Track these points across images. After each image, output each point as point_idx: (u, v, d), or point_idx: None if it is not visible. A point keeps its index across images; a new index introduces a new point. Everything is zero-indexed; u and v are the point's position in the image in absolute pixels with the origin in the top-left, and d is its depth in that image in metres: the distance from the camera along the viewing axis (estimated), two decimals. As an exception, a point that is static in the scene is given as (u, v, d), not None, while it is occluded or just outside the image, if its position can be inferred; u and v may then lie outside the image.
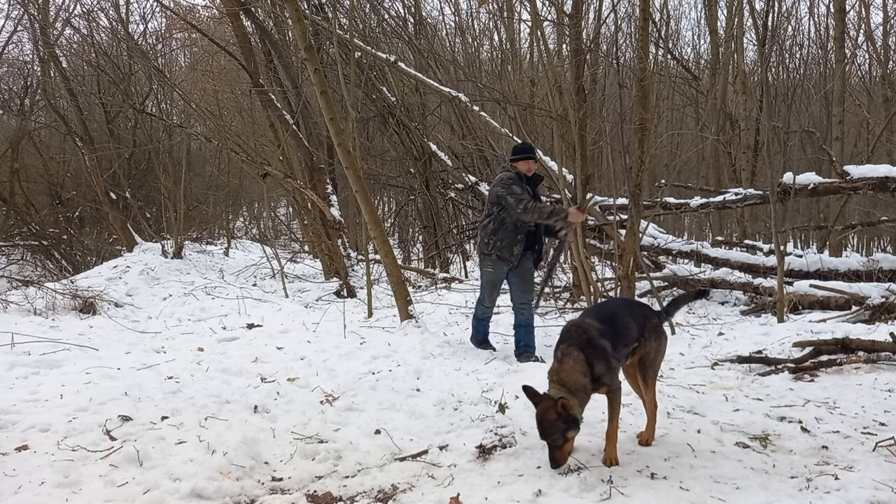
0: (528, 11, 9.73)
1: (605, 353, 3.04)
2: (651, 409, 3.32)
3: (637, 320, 3.28)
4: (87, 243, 15.01)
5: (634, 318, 3.28)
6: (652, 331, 3.32)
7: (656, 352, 3.33)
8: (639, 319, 3.29)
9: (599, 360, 3.02)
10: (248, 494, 2.96)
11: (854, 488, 2.80)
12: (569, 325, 3.24)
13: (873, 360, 4.97)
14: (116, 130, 15.38)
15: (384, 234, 7.60)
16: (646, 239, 9.14)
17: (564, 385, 2.98)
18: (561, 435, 2.91)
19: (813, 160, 14.64)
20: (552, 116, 7.97)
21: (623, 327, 3.19)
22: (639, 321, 3.28)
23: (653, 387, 3.31)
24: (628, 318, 3.26)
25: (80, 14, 14.77)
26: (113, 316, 7.36)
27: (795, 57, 19.17)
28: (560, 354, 3.08)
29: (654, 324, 3.35)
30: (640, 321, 3.29)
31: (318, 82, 6.68)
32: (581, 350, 3.02)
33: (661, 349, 3.39)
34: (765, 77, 14.52)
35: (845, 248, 14.62)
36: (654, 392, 3.32)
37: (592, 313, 3.32)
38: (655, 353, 3.33)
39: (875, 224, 11.01)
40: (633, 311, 3.36)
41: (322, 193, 10.90)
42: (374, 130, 15.51)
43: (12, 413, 3.76)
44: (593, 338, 3.05)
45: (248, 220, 25.92)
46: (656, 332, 3.35)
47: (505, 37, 17.36)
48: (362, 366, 5.19)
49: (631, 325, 3.22)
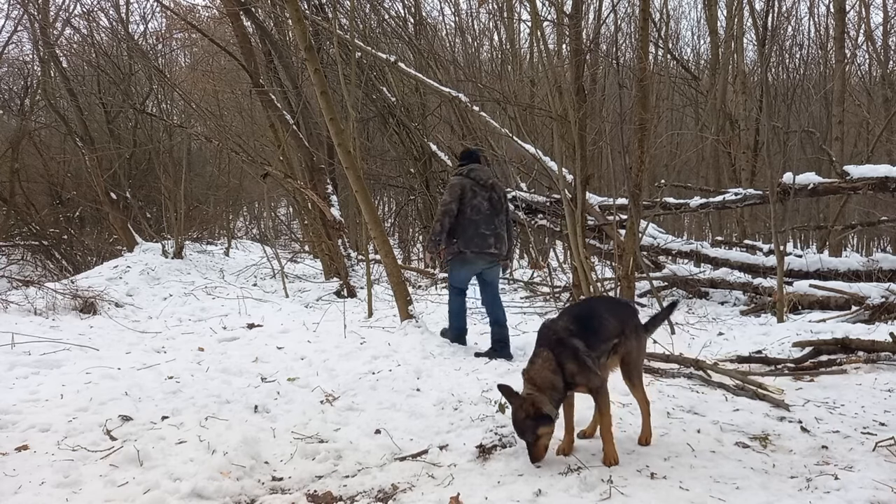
0: (528, 11, 9.74)
1: (577, 351, 3.06)
2: (644, 408, 3.33)
3: (617, 317, 3.28)
4: (88, 243, 15.00)
5: (614, 315, 3.29)
6: (633, 329, 3.32)
7: (638, 351, 3.34)
8: (619, 317, 3.30)
9: (570, 359, 3.05)
10: (249, 494, 2.96)
11: (854, 488, 2.81)
12: (542, 325, 3.28)
13: (873, 360, 4.98)
14: (117, 130, 15.37)
15: (384, 234, 7.60)
16: (645, 239, 9.15)
17: (534, 383, 3.04)
18: (532, 432, 2.97)
19: (813, 160, 14.65)
20: (552, 116, 7.97)
21: (599, 324, 3.20)
22: (619, 318, 3.29)
23: (641, 386, 3.34)
24: (606, 315, 3.27)
25: (80, 14, 14.79)
26: (113, 316, 7.36)
27: (795, 57, 19.21)
28: (533, 354, 3.17)
29: (635, 323, 3.37)
30: (620, 318, 3.29)
31: (318, 82, 6.68)
32: (550, 350, 3.08)
33: (643, 349, 3.43)
34: (765, 77, 14.53)
35: (845, 248, 14.64)
36: (643, 391, 3.35)
37: (568, 311, 3.37)
38: (638, 353, 3.34)
39: (875, 224, 11.02)
40: (612, 309, 3.39)
41: (322, 193, 10.91)
42: (375, 130, 15.51)
43: (12, 413, 3.76)
44: (563, 338, 3.10)
45: (249, 220, 25.93)
46: (637, 331, 3.35)
47: (505, 37, 17.40)
48: (362, 366, 5.20)
49: (608, 323, 3.23)
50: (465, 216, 5.56)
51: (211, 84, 13.46)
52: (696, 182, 16.21)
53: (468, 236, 5.55)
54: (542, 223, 10.35)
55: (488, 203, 5.60)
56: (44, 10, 13.74)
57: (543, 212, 10.34)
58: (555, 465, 3.11)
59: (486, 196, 5.61)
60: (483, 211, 5.59)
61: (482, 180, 5.63)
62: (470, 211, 5.56)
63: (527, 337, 6.40)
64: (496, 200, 5.66)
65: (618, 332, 3.23)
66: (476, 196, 5.59)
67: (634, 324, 3.36)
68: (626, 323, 3.29)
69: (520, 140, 10.01)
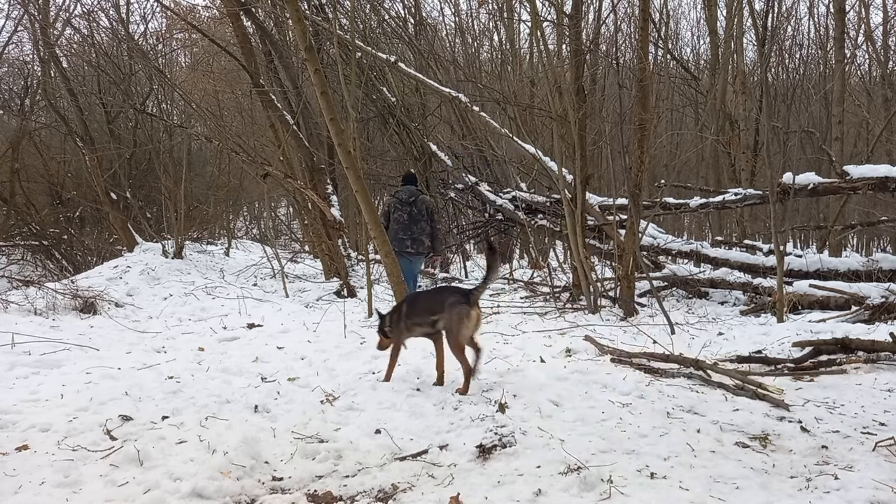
0: (528, 12, 9.75)
1: (399, 316, 4.57)
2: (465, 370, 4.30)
3: (438, 300, 4.48)
4: (88, 243, 14.99)
5: (435, 298, 4.55)
6: (449, 307, 4.34)
7: (449, 322, 4.34)
8: (439, 299, 4.46)
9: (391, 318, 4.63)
10: (249, 494, 2.96)
11: (854, 488, 2.81)
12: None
13: (873, 360, 4.98)
14: (117, 130, 15.36)
15: (384, 234, 7.60)
16: (645, 239, 9.14)
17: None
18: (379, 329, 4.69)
19: (812, 160, 14.66)
20: (552, 117, 7.97)
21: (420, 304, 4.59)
22: (439, 300, 4.45)
23: (459, 350, 4.31)
24: (429, 299, 4.71)
25: (80, 14, 14.78)
26: (113, 316, 7.36)
27: (795, 57, 19.21)
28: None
29: (451, 302, 4.36)
30: (440, 300, 4.45)
31: (318, 83, 6.69)
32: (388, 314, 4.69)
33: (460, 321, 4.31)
34: (764, 77, 14.54)
35: (845, 248, 14.64)
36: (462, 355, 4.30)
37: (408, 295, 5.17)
38: (449, 323, 4.34)
39: (875, 224, 11.02)
40: (435, 295, 4.72)
41: (322, 193, 10.90)
42: (375, 130, 15.51)
43: (12, 413, 3.77)
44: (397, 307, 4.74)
45: (249, 220, 25.93)
46: (452, 308, 4.33)
47: (505, 37, 17.41)
48: (362, 365, 5.20)
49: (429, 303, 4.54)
50: (391, 225, 7.99)
51: (211, 84, 13.46)
52: (695, 182, 16.22)
53: (393, 239, 7.69)
54: (542, 223, 10.36)
55: (407, 216, 7.98)
56: (44, 10, 13.74)
57: (543, 212, 10.34)
58: (555, 464, 3.11)
59: (407, 210, 7.99)
60: (402, 221, 8.02)
61: (403, 199, 8.02)
62: (394, 222, 8.03)
63: (526, 336, 6.41)
64: (415, 213, 7.97)
65: (437, 311, 4.39)
66: (397, 211, 8.05)
67: (450, 302, 4.35)
68: (443, 303, 4.37)
69: (520, 140, 10.02)
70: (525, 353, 5.60)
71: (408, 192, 8.06)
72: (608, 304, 7.88)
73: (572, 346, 5.75)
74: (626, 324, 6.97)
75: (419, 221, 7.97)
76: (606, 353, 5.39)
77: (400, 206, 7.99)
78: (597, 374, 4.72)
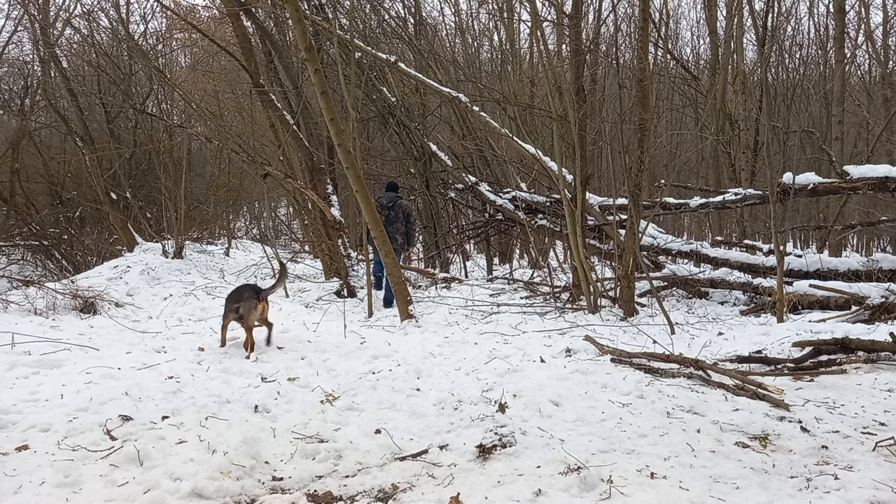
0: (528, 12, 9.74)
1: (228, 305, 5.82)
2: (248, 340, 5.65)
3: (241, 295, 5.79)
4: (88, 243, 14.98)
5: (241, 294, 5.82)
6: (244, 301, 5.72)
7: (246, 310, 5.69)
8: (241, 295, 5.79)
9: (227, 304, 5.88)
10: (249, 494, 2.96)
11: (854, 488, 2.81)
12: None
13: (873, 360, 4.98)
14: (117, 130, 15.34)
15: (384, 234, 7.60)
16: (645, 239, 9.15)
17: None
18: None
19: (813, 160, 14.65)
20: (552, 117, 7.97)
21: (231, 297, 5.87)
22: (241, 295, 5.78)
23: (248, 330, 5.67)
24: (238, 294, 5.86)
25: (80, 14, 14.77)
26: (113, 316, 7.36)
27: (795, 57, 19.19)
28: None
29: (245, 297, 5.75)
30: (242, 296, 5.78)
31: (318, 83, 6.69)
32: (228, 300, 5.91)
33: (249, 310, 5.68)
34: (764, 77, 14.53)
35: (845, 248, 14.65)
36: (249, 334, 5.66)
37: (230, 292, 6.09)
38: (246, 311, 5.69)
39: (875, 224, 11.01)
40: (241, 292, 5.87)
41: (322, 193, 10.90)
42: (375, 130, 15.49)
43: (12, 413, 3.76)
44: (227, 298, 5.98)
45: (249, 220, 25.92)
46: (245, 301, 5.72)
47: (505, 37, 17.40)
48: (362, 365, 5.21)
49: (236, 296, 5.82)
50: None
51: (211, 84, 13.46)
52: (695, 182, 16.21)
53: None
54: (542, 223, 10.36)
55: (385, 218, 8.83)
56: (44, 10, 13.73)
57: (543, 212, 10.34)
58: (555, 464, 3.11)
59: (385, 213, 8.94)
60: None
61: (383, 204, 9.08)
62: None
63: (526, 336, 6.42)
64: (392, 216, 9.04)
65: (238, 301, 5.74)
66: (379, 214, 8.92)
67: (245, 297, 5.73)
68: (241, 298, 5.74)
69: (520, 140, 10.01)
70: (525, 353, 5.61)
71: (388, 197, 9.26)
72: (608, 304, 7.89)
73: (572, 346, 5.76)
74: (626, 324, 6.97)
75: (395, 222, 9.06)
76: (606, 353, 5.39)
77: (380, 210, 8.93)
78: (597, 374, 4.72)
